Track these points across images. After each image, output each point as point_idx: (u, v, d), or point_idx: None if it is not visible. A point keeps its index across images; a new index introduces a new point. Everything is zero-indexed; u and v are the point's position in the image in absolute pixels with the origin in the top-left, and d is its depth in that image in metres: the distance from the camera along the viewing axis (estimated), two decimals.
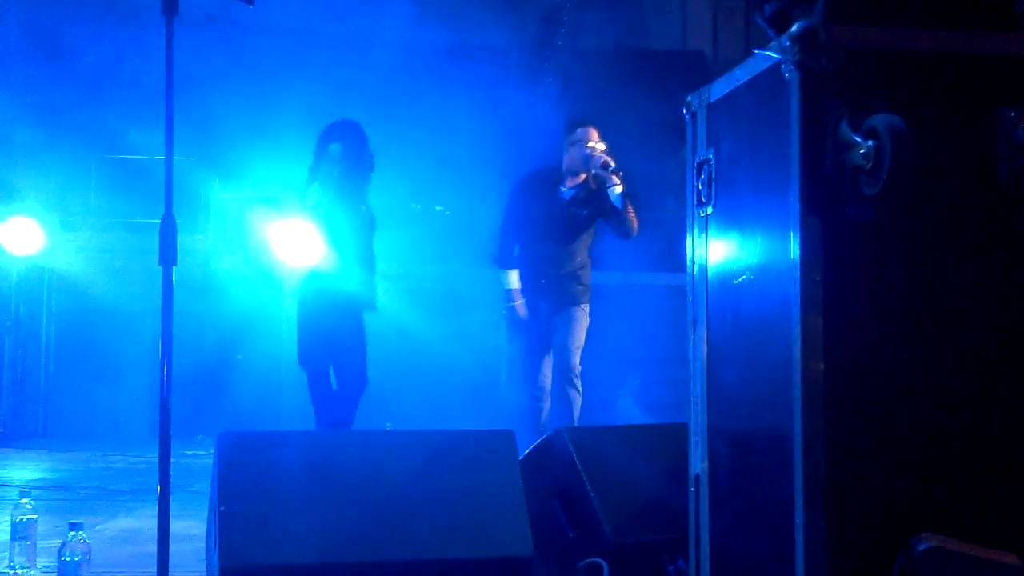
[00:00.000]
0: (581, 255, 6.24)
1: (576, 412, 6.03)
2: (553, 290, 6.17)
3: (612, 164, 5.96)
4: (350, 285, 5.91)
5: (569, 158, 6.14)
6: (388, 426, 7.13)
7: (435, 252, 9.57)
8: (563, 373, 6.09)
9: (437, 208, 9.08)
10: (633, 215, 6.06)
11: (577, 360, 6.09)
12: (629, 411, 8.73)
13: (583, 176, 6.15)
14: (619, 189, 6.00)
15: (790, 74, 2.45)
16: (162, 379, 3.26)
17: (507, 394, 8.87)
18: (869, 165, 2.34)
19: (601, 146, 6.06)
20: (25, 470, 7.52)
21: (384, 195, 6.77)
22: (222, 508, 3.36)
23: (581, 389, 6.06)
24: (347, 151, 5.97)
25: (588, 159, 6.03)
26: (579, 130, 6.14)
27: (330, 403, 5.89)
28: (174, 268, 3.31)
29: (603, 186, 6.07)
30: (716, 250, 2.86)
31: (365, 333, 6.01)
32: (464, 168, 9.00)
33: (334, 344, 5.88)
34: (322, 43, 9.28)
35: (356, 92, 8.85)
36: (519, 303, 6.20)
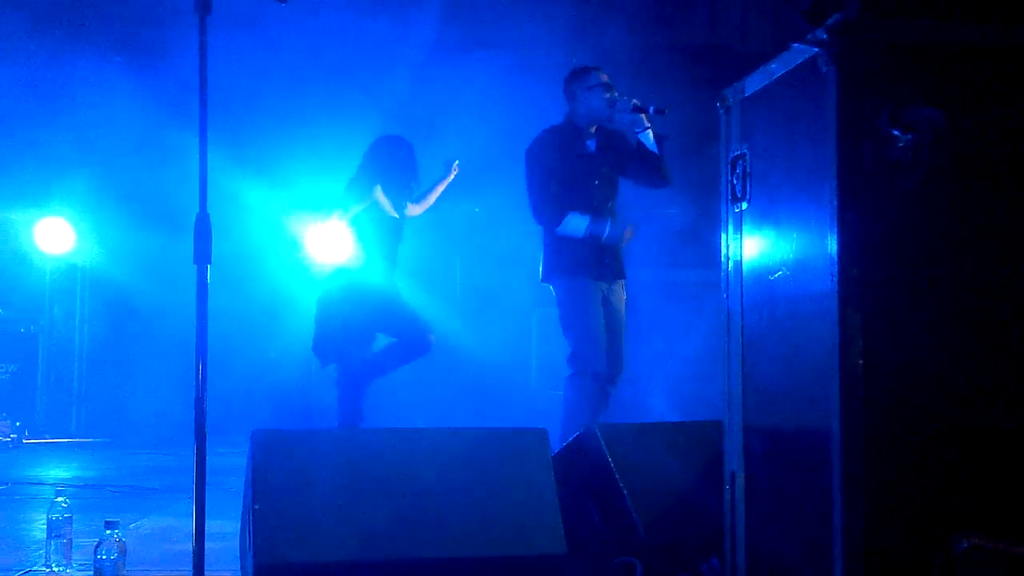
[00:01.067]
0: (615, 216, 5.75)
1: None
2: (610, 262, 5.67)
3: (639, 103, 5.49)
4: (376, 279, 6.21)
5: (587, 106, 5.63)
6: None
7: (467, 251, 9.57)
8: (616, 375, 5.67)
9: (476, 210, 9.07)
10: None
11: None
12: (660, 408, 8.70)
13: (594, 127, 5.71)
14: (651, 133, 5.55)
15: (827, 67, 2.42)
16: (196, 378, 3.27)
17: (539, 392, 8.87)
18: (908, 159, 2.31)
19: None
20: (60, 469, 7.58)
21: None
22: (256, 506, 3.37)
23: None
24: (391, 165, 6.28)
25: (615, 102, 5.53)
26: (595, 74, 5.66)
27: (361, 395, 6.14)
28: (208, 267, 3.32)
29: (629, 131, 5.62)
30: (751, 246, 2.84)
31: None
32: (495, 167, 9.00)
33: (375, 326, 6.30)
34: (355, 41, 9.31)
35: (387, 91, 8.88)
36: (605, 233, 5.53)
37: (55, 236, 9.30)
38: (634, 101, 5.53)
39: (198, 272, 3.28)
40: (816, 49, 2.44)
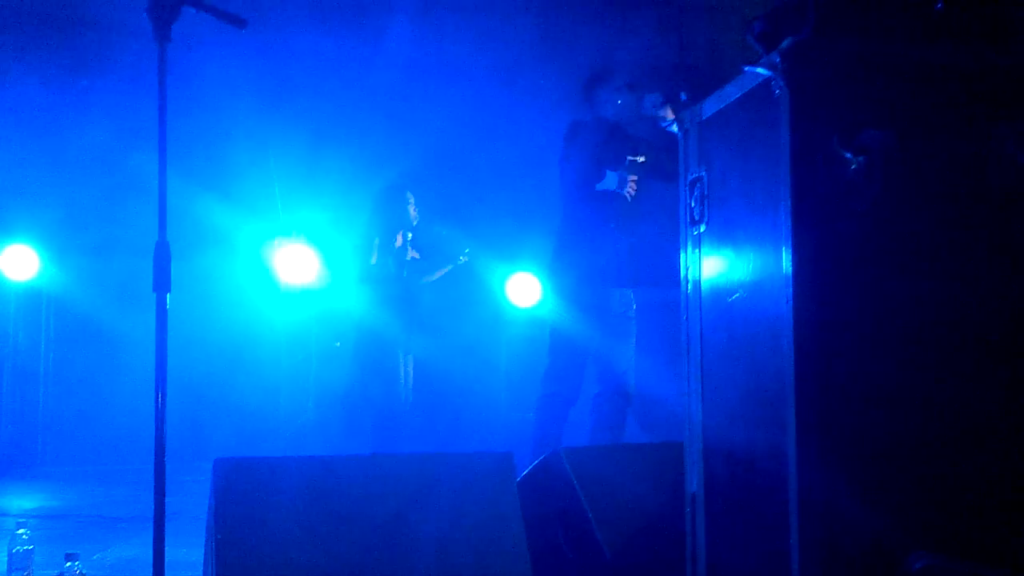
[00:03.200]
0: None
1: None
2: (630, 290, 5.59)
3: (666, 95, 5.32)
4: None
5: (615, 108, 5.51)
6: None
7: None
8: (622, 392, 5.61)
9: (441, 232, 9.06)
10: None
11: None
12: (630, 429, 8.67)
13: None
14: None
15: (780, 90, 2.44)
16: (156, 406, 3.24)
17: (509, 414, 8.84)
18: (860, 181, 2.33)
19: None
20: (23, 499, 7.48)
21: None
22: (218, 535, 3.34)
23: None
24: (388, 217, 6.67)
25: (642, 100, 5.38)
26: (617, 75, 5.57)
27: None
28: (168, 295, 3.30)
29: (653, 125, 5.43)
30: (709, 268, 2.85)
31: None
32: (463, 185, 9.00)
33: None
34: (324, 62, 9.30)
35: (356, 114, 8.87)
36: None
37: (19, 262, 9.21)
38: (659, 95, 5.39)
39: (157, 300, 3.26)
40: (769, 72, 2.46)
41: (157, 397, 3.22)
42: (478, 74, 9.18)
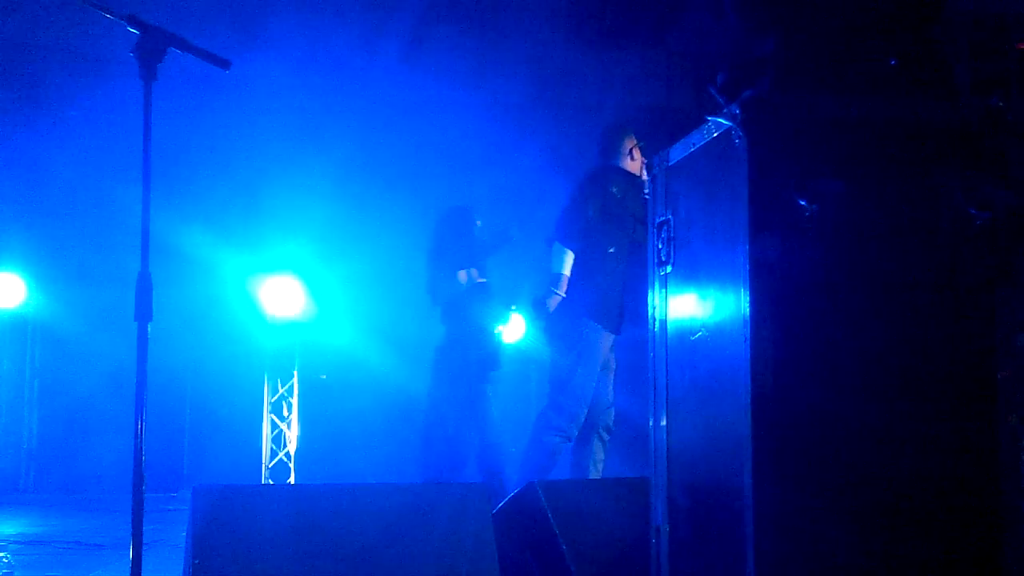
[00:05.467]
0: None
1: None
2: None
3: None
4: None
5: (635, 163, 5.64)
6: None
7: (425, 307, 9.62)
8: (607, 427, 5.76)
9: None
10: None
11: None
12: (613, 464, 8.72)
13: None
14: None
15: (740, 140, 2.56)
16: (136, 434, 3.30)
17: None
18: (814, 228, 2.44)
19: None
20: (4, 525, 7.50)
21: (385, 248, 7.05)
22: (195, 561, 3.40)
23: None
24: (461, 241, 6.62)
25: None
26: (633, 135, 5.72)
27: None
28: (150, 324, 3.37)
29: None
30: (675, 307, 2.95)
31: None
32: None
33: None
34: (314, 96, 9.40)
35: (343, 146, 8.98)
36: (556, 298, 5.55)
37: (6, 290, 9.27)
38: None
39: (139, 329, 3.33)
40: (730, 123, 2.57)
41: (137, 424, 3.29)
42: (467, 110, 9.30)
